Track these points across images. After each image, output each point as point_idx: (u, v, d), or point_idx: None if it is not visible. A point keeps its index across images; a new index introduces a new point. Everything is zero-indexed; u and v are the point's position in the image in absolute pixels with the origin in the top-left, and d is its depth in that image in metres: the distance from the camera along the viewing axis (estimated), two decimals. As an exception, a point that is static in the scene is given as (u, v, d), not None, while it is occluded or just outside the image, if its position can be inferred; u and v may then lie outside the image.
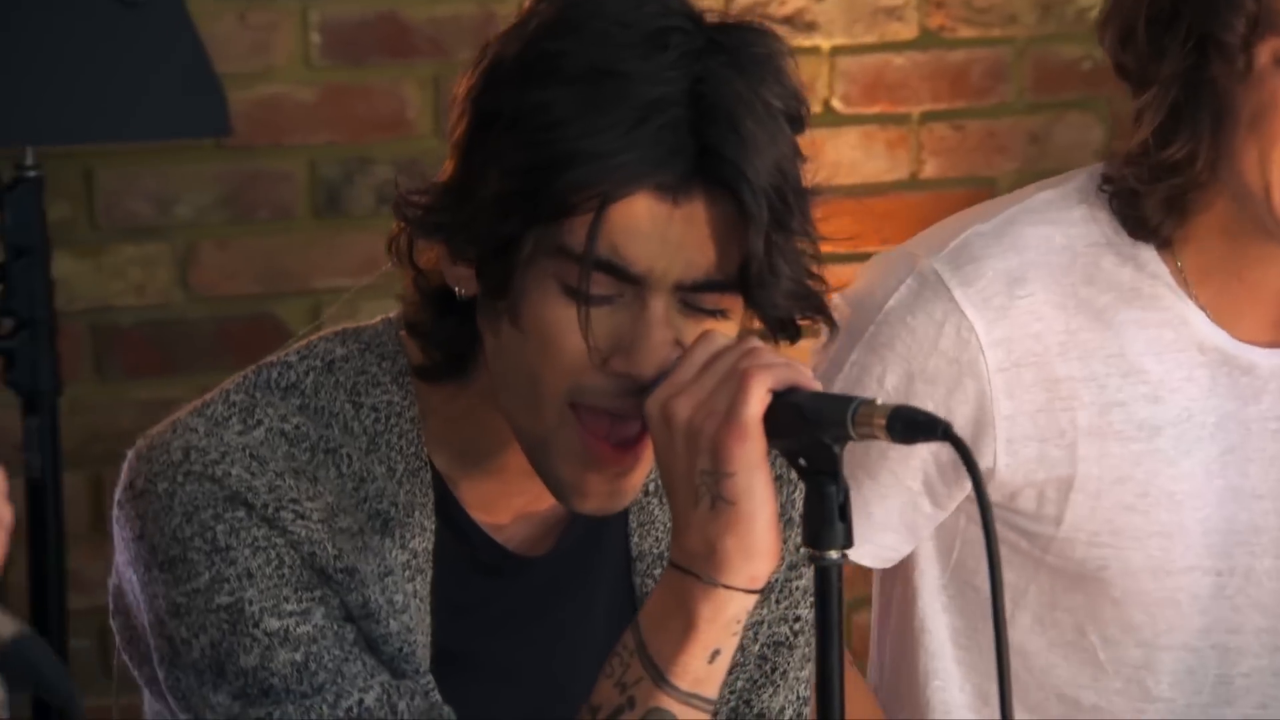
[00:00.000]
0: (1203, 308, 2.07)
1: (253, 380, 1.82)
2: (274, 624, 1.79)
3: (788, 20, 3.98)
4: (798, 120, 1.65)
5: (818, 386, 1.60)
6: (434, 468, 1.81)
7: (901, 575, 2.26)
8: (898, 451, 2.08)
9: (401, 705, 1.83)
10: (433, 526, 1.83)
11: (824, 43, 4.03)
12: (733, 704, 1.96)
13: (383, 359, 1.81)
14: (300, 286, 3.78)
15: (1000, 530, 2.10)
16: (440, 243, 1.65)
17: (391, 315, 1.79)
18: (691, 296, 1.62)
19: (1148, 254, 2.05)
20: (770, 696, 1.98)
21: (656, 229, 1.63)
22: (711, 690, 1.71)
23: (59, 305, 3.60)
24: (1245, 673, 2.16)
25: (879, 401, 1.49)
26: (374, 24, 3.78)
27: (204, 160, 3.73)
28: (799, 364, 1.60)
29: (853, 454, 1.77)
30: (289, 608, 1.81)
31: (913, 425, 1.47)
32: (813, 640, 1.87)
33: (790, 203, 1.61)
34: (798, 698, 1.99)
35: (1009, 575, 2.14)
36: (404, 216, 1.69)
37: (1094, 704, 2.21)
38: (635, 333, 1.62)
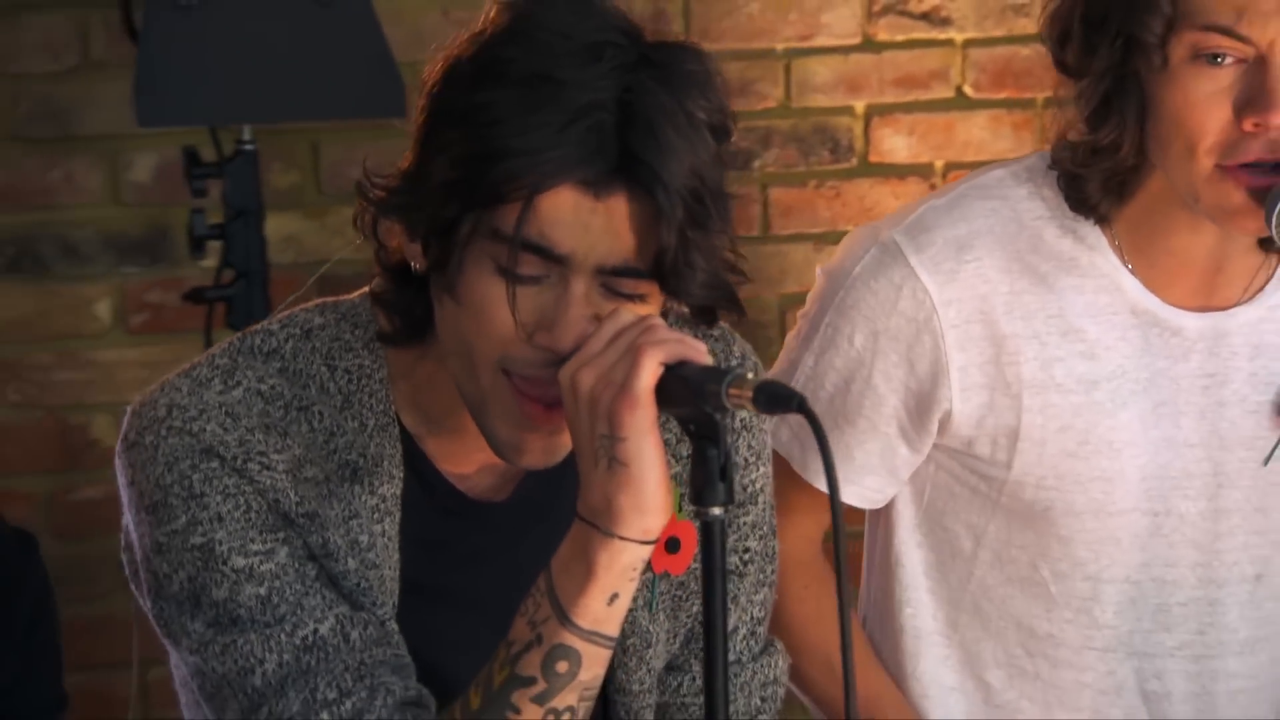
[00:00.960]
0: (1136, 276, 2.11)
1: (237, 346, 1.90)
2: (240, 562, 1.86)
3: (925, 16, 4.03)
4: (722, 131, 1.68)
5: (708, 360, 1.63)
6: (402, 424, 1.88)
7: (883, 514, 2.31)
8: (871, 400, 2.18)
9: (354, 633, 1.88)
10: (400, 475, 1.89)
11: (957, 36, 4.04)
12: (690, 625, 2.06)
13: (356, 327, 1.86)
14: None
15: (962, 474, 2.23)
16: (398, 221, 1.75)
17: (370, 289, 1.89)
18: (611, 281, 1.67)
19: (1087, 228, 2.09)
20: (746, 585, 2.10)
21: (579, 218, 1.68)
22: (611, 629, 1.77)
23: (290, 259, 3.81)
24: (1182, 602, 2.19)
25: (750, 376, 1.53)
26: None
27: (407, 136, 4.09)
28: (692, 340, 1.65)
29: (833, 403, 2.18)
30: (254, 548, 1.86)
31: (774, 398, 1.53)
32: (763, 568, 2.10)
33: (707, 204, 1.66)
34: (751, 618, 2.06)
35: (972, 516, 2.28)
36: (365, 196, 1.76)
37: (1048, 632, 2.25)
38: (557, 310, 1.67)
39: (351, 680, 1.85)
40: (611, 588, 1.69)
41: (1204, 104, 1.95)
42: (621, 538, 1.65)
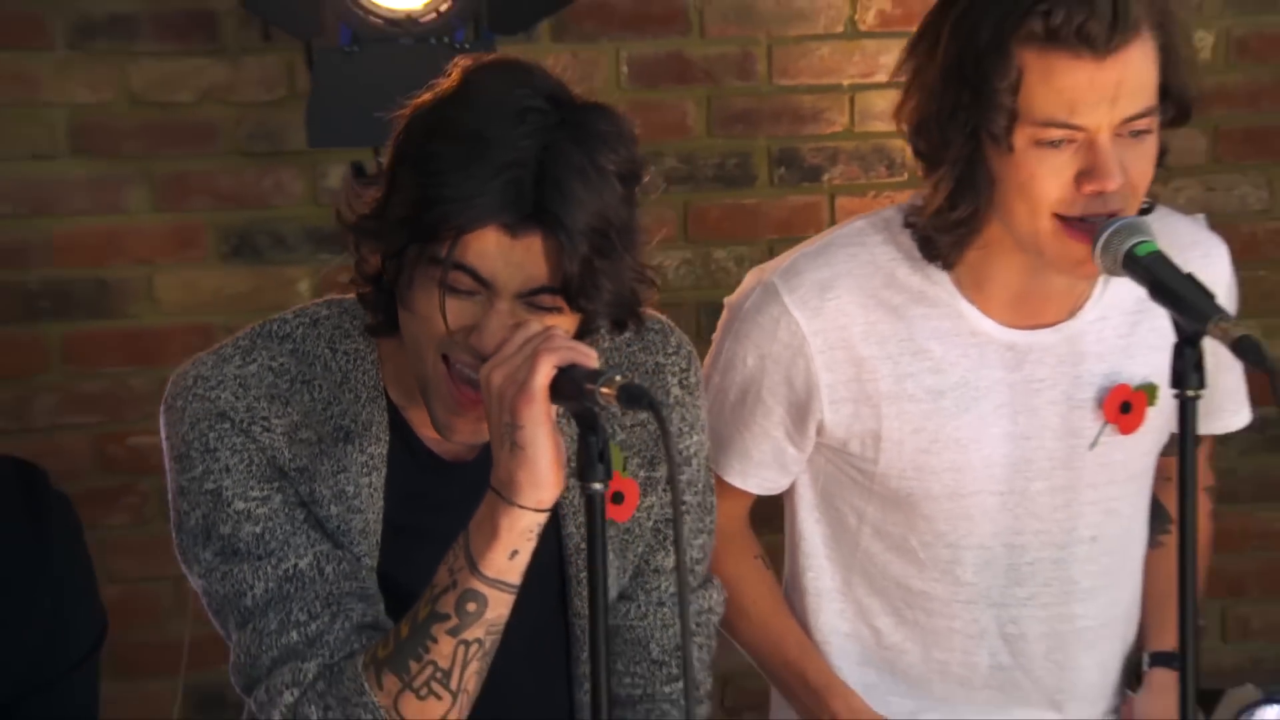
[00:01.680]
0: (974, 305, 2.32)
1: (258, 330, 2.14)
2: (241, 505, 2.11)
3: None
4: (630, 177, 1.93)
5: (594, 364, 1.85)
6: (389, 397, 2.14)
7: (789, 498, 2.57)
8: (762, 410, 2.42)
9: (329, 568, 2.13)
10: (387, 438, 2.14)
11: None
12: (636, 564, 2.32)
13: (354, 319, 2.08)
14: None
15: (843, 467, 2.48)
16: (368, 241, 2.01)
17: (357, 291, 2.09)
18: (532, 299, 1.90)
19: (933, 268, 2.30)
20: (664, 558, 2.32)
21: (501, 253, 1.89)
22: (513, 578, 1.99)
23: None
24: (1030, 562, 2.41)
25: (617, 379, 1.78)
26: (665, 59, 4.06)
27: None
28: (583, 347, 1.87)
29: (735, 412, 2.44)
30: (253, 494, 2.12)
31: (632, 397, 1.78)
32: (701, 518, 2.35)
33: (612, 238, 1.90)
34: (690, 559, 2.33)
35: (855, 500, 2.53)
36: (342, 222, 2.04)
37: (921, 589, 2.48)
38: (483, 320, 1.90)
39: (320, 606, 2.11)
40: (512, 545, 1.91)
41: (1048, 178, 2.14)
42: (520, 506, 1.88)
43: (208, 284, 4.11)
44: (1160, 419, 2.41)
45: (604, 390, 1.75)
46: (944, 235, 2.24)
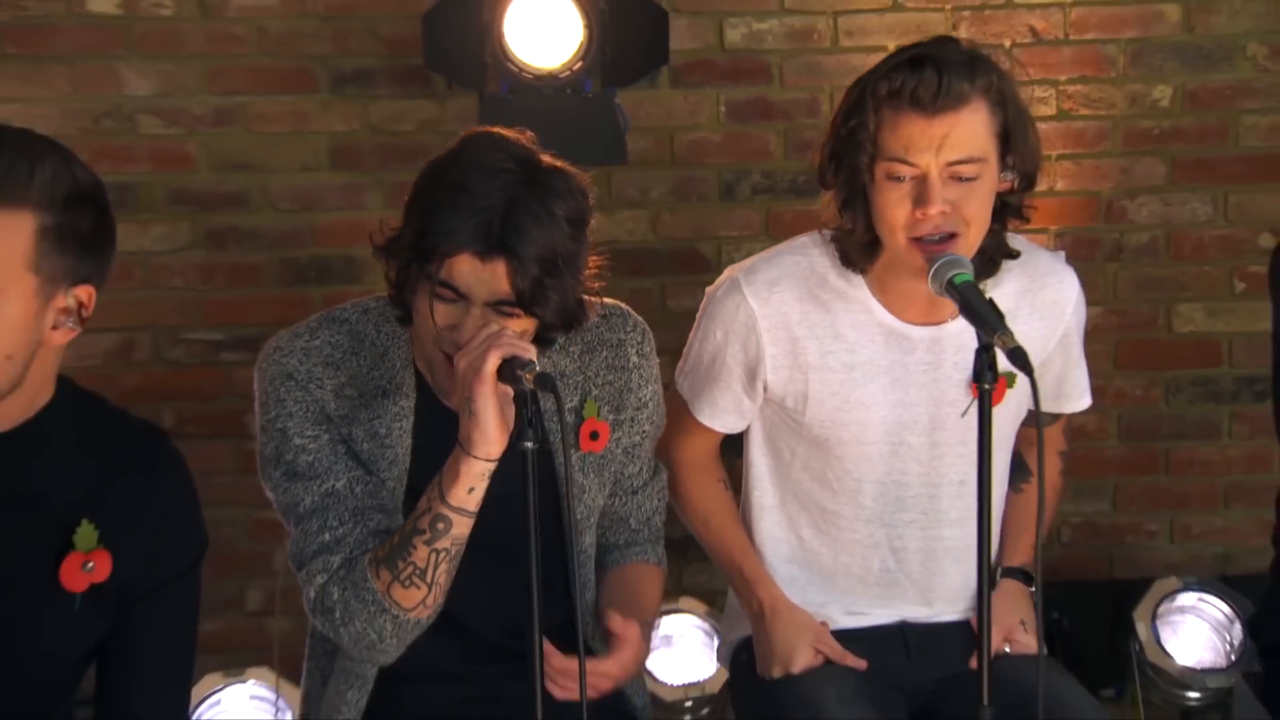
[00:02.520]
0: (882, 304, 2.49)
1: (325, 315, 2.39)
2: (299, 440, 2.35)
3: None
4: (578, 222, 2.20)
5: (529, 357, 2.07)
6: (416, 368, 2.34)
7: (746, 436, 2.74)
8: (725, 371, 2.61)
9: (359, 489, 2.35)
10: (414, 395, 2.35)
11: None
12: (615, 475, 2.54)
13: (394, 310, 2.30)
14: (713, 234, 4.32)
15: (782, 416, 2.64)
16: (388, 259, 2.22)
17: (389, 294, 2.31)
18: (497, 307, 2.14)
19: (853, 275, 2.50)
20: (634, 472, 2.56)
21: (473, 273, 2.13)
22: (471, 506, 2.19)
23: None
24: (912, 495, 2.59)
25: (537, 368, 2.04)
26: (753, 101, 4.25)
27: (668, 168, 4.24)
28: (523, 344, 2.10)
29: (708, 372, 2.59)
30: (308, 433, 2.36)
31: (542, 380, 2.00)
32: (656, 438, 2.57)
33: (559, 265, 2.14)
34: (647, 466, 2.57)
35: (789, 441, 2.67)
36: (373, 244, 2.27)
37: (833, 509, 2.66)
38: (461, 322, 2.15)
39: (348, 516, 2.33)
40: (469, 484, 2.15)
41: (895, 205, 2.34)
42: (474, 457, 2.12)
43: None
44: (1018, 397, 2.54)
45: (528, 375, 2.00)
46: (853, 250, 2.45)
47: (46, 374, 2.02)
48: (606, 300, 2.41)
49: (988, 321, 2.06)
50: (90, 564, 2.06)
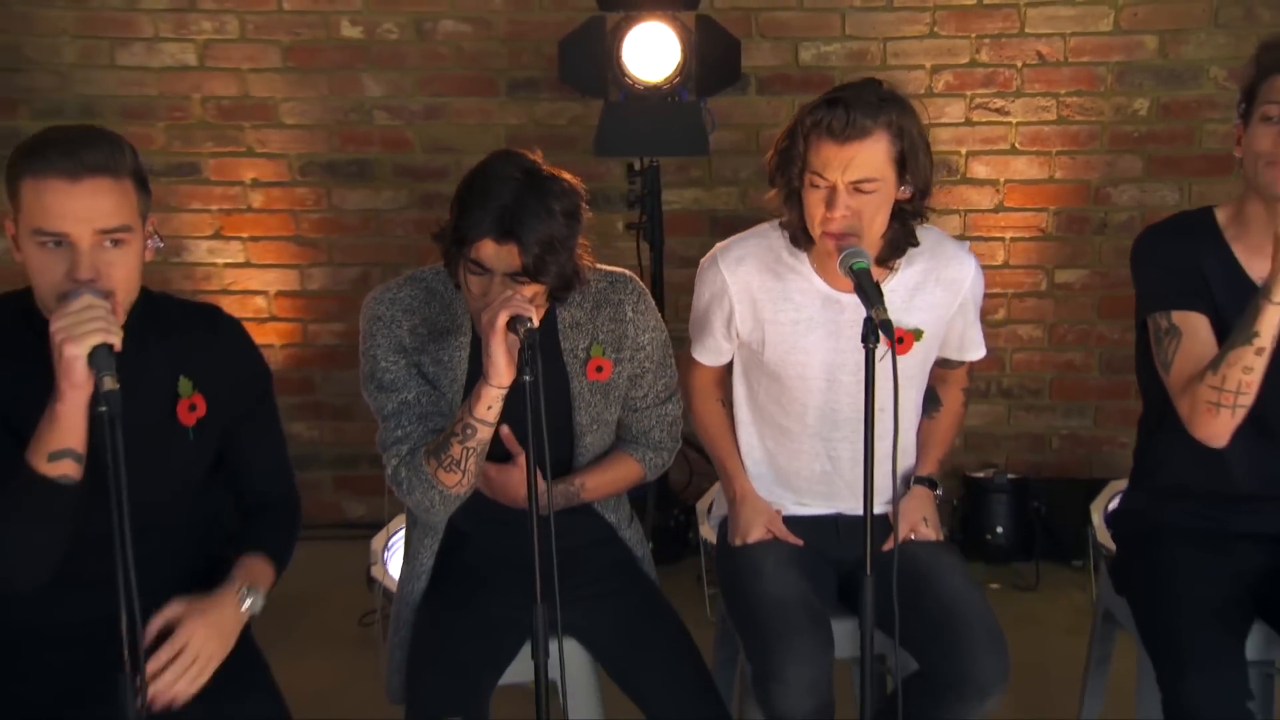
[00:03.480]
0: (821, 277, 2.50)
1: (409, 275, 2.41)
2: (384, 364, 2.41)
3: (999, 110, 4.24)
4: (571, 213, 2.23)
5: (529, 314, 2.11)
6: (471, 317, 2.33)
7: (731, 368, 2.73)
8: (710, 323, 2.64)
9: (424, 400, 2.39)
10: (470, 335, 2.37)
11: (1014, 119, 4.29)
12: (622, 400, 2.54)
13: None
14: None
15: (750, 355, 2.63)
16: (440, 244, 2.28)
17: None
18: (513, 277, 2.19)
19: (800, 252, 2.52)
20: (639, 395, 2.55)
21: (493, 253, 2.20)
22: (491, 419, 2.24)
23: (687, 208, 4.33)
24: (845, 418, 2.58)
25: (531, 324, 2.09)
26: None
27: (753, 156, 4.29)
28: (525, 305, 2.12)
29: (703, 323, 2.63)
30: (390, 359, 2.41)
31: (530, 335, 2.07)
32: (659, 374, 2.53)
33: (556, 247, 2.19)
34: (655, 394, 2.56)
35: (757, 374, 2.64)
36: (431, 235, 2.33)
37: (786, 426, 2.66)
38: (489, 289, 2.22)
39: (415, 419, 2.39)
40: (488, 403, 2.23)
41: (815, 205, 2.36)
42: (490, 384, 2.21)
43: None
44: (925, 347, 2.57)
45: (522, 330, 2.09)
46: (796, 234, 2.48)
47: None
48: (614, 269, 2.49)
49: (872, 300, 2.13)
50: (193, 405, 2.24)
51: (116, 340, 1.92)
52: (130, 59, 4.44)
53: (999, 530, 4.20)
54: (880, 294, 2.13)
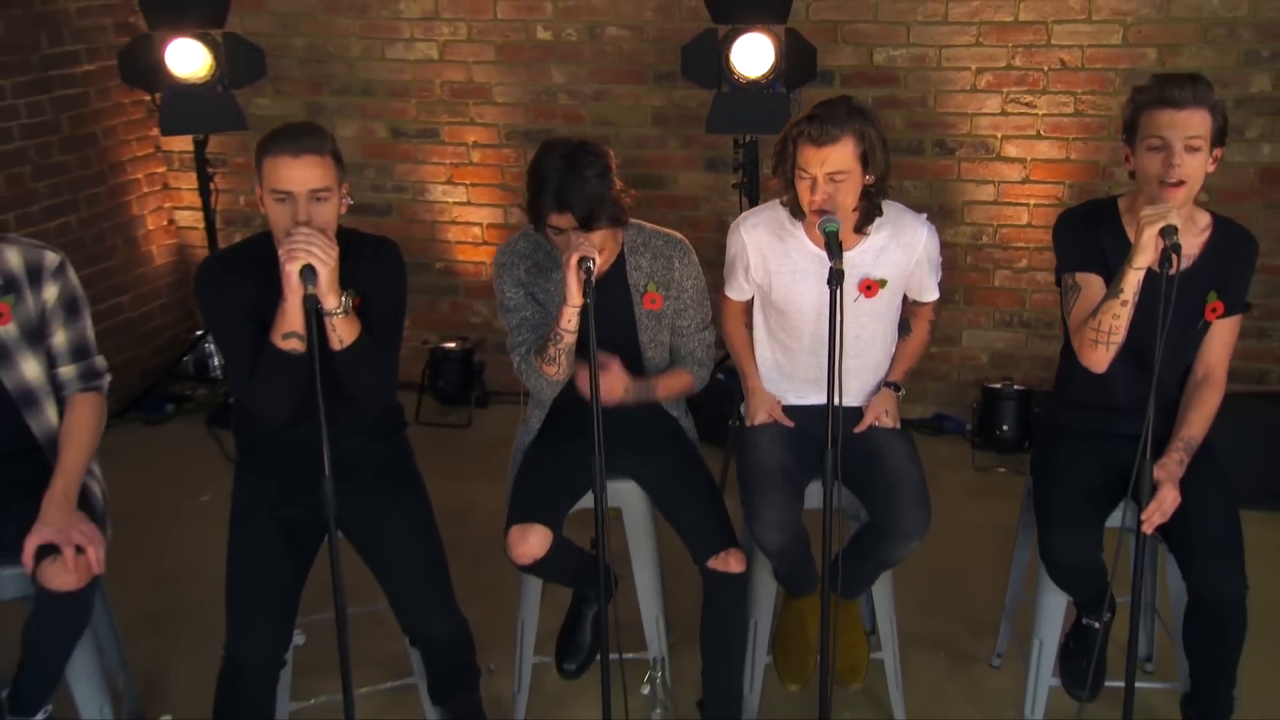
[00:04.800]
0: (811, 240, 2.56)
1: (523, 231, 2.52)
2: (508, 293, 2.54)
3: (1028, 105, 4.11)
4: (601, 172, 2.33)
5: (593, 255, 2.22)
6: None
7: (751, 303, 2.77)
8: (734, 270, 2.69)
9: (536, 317, 2.50)
10: (560, 273, 2.42)
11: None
12: (670, 326, 2.62)
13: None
14: None
15: (763, 296, 2.68)
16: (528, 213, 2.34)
17: None
18: (579, 230, 2.32)
19: (799, 221, 2.57)
20: (684, 325, 2.63)
21: (559, 219, 2.35)
22: (572, 329, 2.35)
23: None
24: (849, 352, 2.56)
25: (591, 265, 2.19)
26: (888, 97, 4.28)
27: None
28: (593, 249, 2.24)
29: (730, 269, 2.67)
30: (512, 290, 2.54)
31: (588, 273, 2.17)
32: (698, 307, 2.60)
33: (597, 201, 2.32)
34: (695, 324, 2.63)
35: (767, 307, 2.66)
36: (522, 208, 2.42)
37: (787, 344, 2.72)
38: (570, 244, 2.32)
39: (530, 329, 2.52)
40: (568, 318, 2.37)
41: (803, 190, 2.45)
42: (567, 305, 2.35)
43: (703, 181, 4.53)
44: (890, 292, 2.62)
45: (588, 267, 2.20)
46: (795, 209, 2.55)
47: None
48: (671, 232, 2.60)
49: (834, 254, 2.18)
50: (351, 294, 2.34)
51: (316, 262, 2.17)
52: (394, 54, 4.66)
53: (1005, 428, 4.28)
54: (840, 251, 2.18)
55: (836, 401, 2.12)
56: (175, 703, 2.72)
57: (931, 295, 2.72)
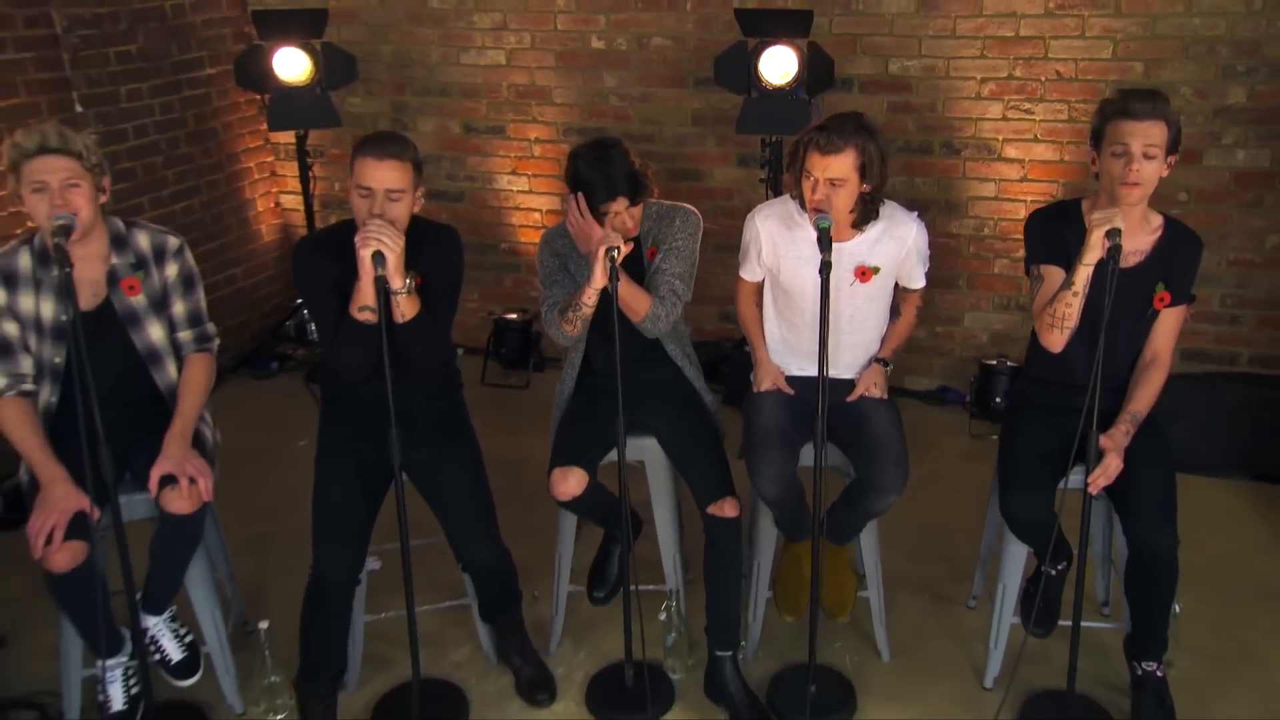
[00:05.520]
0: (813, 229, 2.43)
1: (565, 221, 2.53)
2: (546, 265, 2.63)
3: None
4: (625, 153, 2.44)
5: (618, 243, 2.31)
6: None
7: (763, 285, 2.79)
8: (747, 254, 2.71)
9: (565, 284, 2.56)
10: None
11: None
12: (655, 268, 2.63)
13: None
14: None
15: (772, 277, 2.70)
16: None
17: None
18: (633, 205, 2.43)
19: (804, 215, 2.59)
20: (666, 267, 2.64)
21: (616, 203, 2.43)
22: (592, 302, 2.42)
23: None
24: (832, 319, 2.61)
25: (618, 250, 2.27)
26: (901, 103, 4.28)
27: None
28: (617, 237, 2.32)
29: (745, 252, 2.70)
30: (549, 262, 2.62)
31: (609, 251, 2.26)
32: (680, 264, 2.60)
33: (628, 178, 2.44)
34: (672, 270, 2.62)
35: (776, 289, 2.68)
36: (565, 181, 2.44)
37: (792, 320, 2.75)
38: (621, 223, 2.46)
39: (562, 295, 2.57)
40: (588, 297, 2.47)
41: (808, 191, 2.48)
42: (591, 287, 2.42)
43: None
44: (882, 279, 2.66)
45: (612, 255, 2.32)
46: (802, 204, 2.59)
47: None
48: (685, 205, 2.68)
49: (824, 248, 2.26)
50: (414, 275, 2.41)
51: (385, 249, 2.25)
52: (468, 60, 4.72)
53: (999, 400, 4.23)
54: (830, 245, 2.25)
55: (826, 373, 2.24)
56: (272, 612, 2.89)
57: (919, 283, 2.76)
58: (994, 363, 4.26)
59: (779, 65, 3.80)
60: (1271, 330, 3.98)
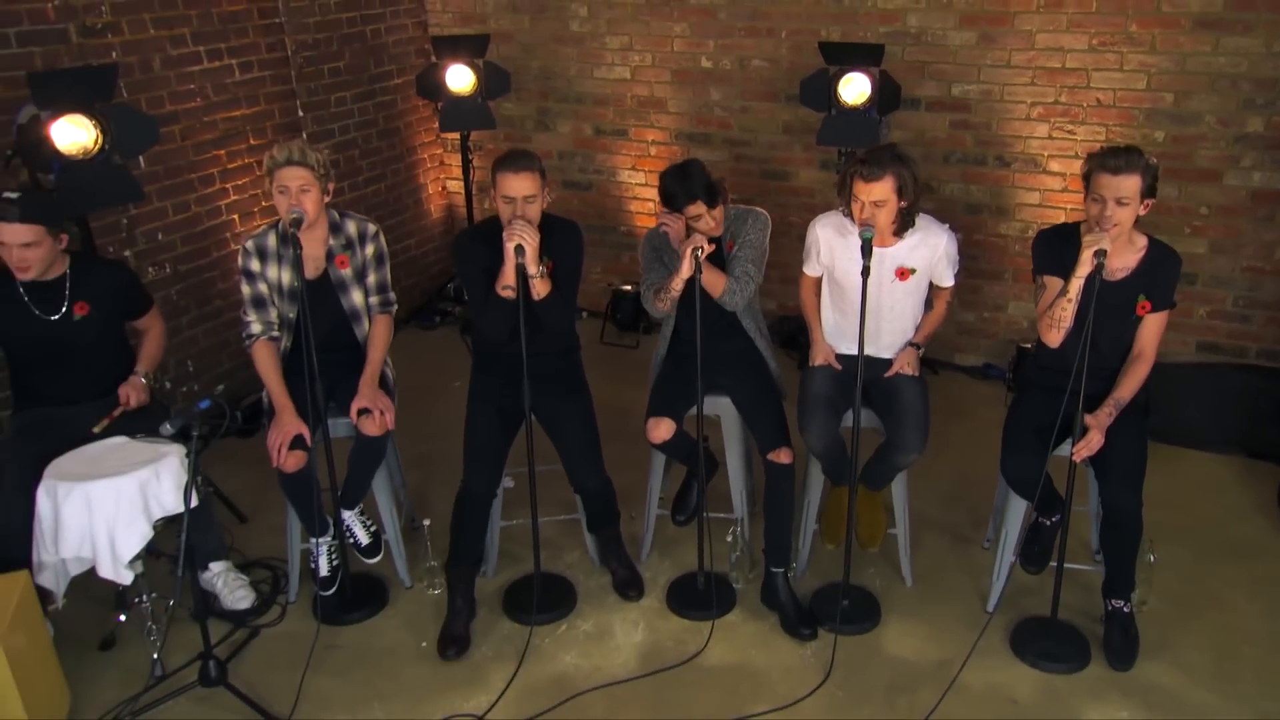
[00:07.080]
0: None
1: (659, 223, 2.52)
2: (646, 253, 2.63)
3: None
4: (700, 169, 2.47)
5: (703, 244, 2.36)
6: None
7: (822, 281, 2.85)
8: (809, 253, 2.74)
9: (660, 270, 2.57)
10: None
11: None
12: (736, 254, 2.67)
13: None
14: (937, 179, 4.27)
15: (829, 274, 2.75)
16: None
17: None
18: (710, 208, 2.45)
19: (855, 225, 2.61)
20: (741, 256, 2.65)
21: (695, 206, 2.47)
22: (679, 288, 2.44)
23: None
24: (873, 310, 2.65)
25: (700, 251, 2.29)
26: (960, 120, 4.25)
27: (920, 148, 4.22)
28: (703, 238, 2.36)
29: (808, 252, 2.74)
30: (649, 254, 2.63)
31: (697, 251, 2.26)
32: (751, 258, 2.63)
33: (706, 188, 2.47)
34: (746, 257, 2.64)
35: (831, 284, 2.73)
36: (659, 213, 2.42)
37: (844, 309, 2.80)
38: (705, 224, 2.48)
39: (657, 278, 2.60)
40: (676, 285, 2.51)
41: (856, 211, 2.56)
42: (679, 276, 2.46)
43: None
44: (918, 278, 2.69)
45: (697, 253, 2.38)
46: (852, 218, 2.63)
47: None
48: (758, 209, 2.73)
49: (865, 255, 2.35)
50: (546, 261, 2.49)
51: (525, 243, 2.43)
52: (599, 74, 4.80)
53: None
54: (871, 252, 2.35)
55: (864, 353, 2.36)
56: (432, 512, 3.14)
57: (948, 282, 2.80)
58: (1029, 346, 4.19)
59: (855, 89, 3.85)
60: (1278, 328, 3.95)
